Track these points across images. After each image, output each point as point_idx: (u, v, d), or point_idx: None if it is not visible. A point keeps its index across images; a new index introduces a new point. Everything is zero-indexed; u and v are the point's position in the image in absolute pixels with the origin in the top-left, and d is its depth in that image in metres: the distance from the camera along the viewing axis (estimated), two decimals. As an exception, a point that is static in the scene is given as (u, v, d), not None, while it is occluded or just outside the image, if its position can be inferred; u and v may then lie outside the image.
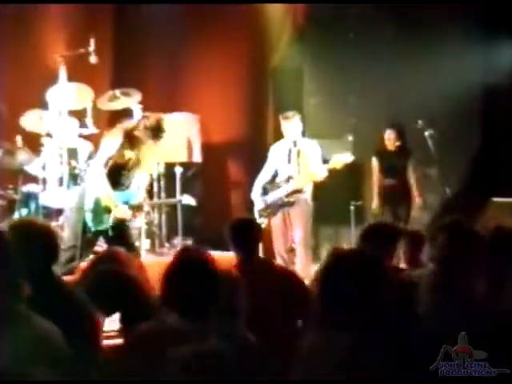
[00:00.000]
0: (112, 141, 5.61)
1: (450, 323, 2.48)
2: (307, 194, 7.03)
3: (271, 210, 7.03)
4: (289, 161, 7.02)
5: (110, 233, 5.56)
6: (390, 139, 7.66)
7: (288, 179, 6.96)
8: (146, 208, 6.26)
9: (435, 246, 3.03)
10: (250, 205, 7.48)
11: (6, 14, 7.61)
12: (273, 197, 7.01)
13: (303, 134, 7.17)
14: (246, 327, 2.99)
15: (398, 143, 7.65)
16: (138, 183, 5.86)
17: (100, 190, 5.51)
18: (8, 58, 7.63)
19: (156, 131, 5.57)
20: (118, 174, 5.61)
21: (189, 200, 6.66)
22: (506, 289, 2.92)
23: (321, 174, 6.82)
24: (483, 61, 8.40)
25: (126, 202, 5.66)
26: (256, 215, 7.00)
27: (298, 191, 6.94)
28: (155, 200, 7.40)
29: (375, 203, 7.76)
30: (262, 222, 6.95)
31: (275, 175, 7.15)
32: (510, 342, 2.29)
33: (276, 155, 7.17)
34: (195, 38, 8.52)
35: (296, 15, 8.74)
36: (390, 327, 2.26)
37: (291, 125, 7.00)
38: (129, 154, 5.61)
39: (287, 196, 6.94)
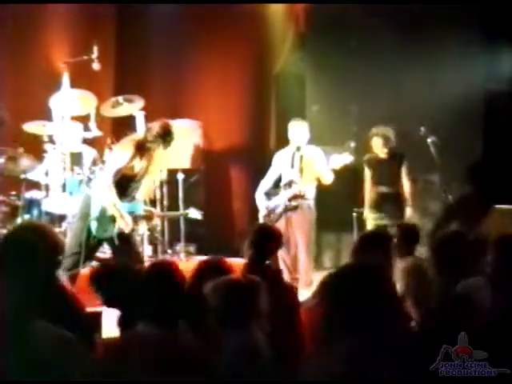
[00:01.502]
0: (123, 152, 5.58)
1: None
2: (310, 200, 7.03)
3: (274, 215, 7.04)
4: (292, 165, 7.04)
5: (116, 242, 5.56)
6: (377, 147, 7.43)
7: (290, 183, 6.99)
8: (156, 219, 6.25)
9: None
10: (252, 211, 7.50)
11: (10, 21, 7.65)
12: (276, 202, 7.02)
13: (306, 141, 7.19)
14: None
15: (385, 150, 7.42)
16: (143, 193, 5.85)
17: (107, 200, 5.50)
18: (11, 64, 7.66)
19: (166, 138, 5.55)
20: (126, 186, 5.60)
21: (195, 214, 6.61)
22: None
23: (327, 175, 6.85)
24: (485, 68, 8.41)
25: (132, 213, 5.65)
26: (260, 221, 7.01)
27: (301, 196, 6.95)
28: (165, 212, 7.47)
29: (366, 211, 7.66)
30: None
31: (279, 180, 7.17)
32: None
33: (280, 161, 7.20)
34: (198, 44, 8.55)
35: (298, 22, 8.78)
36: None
37: (299, 128, 7.05)
38: (139, 166, 5.60)
39: (290, 200, 6.95)
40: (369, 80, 8.40)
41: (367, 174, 7.54)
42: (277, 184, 7.19)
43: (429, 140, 7.48)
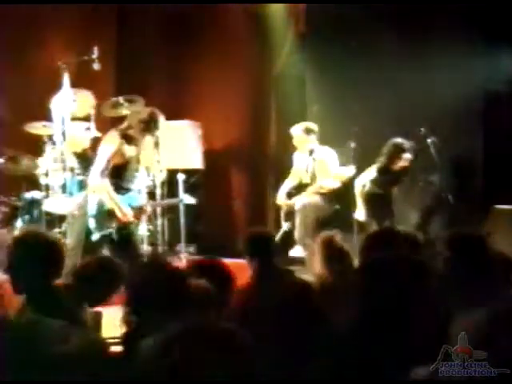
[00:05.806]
0: (110, 143, 5.56)
1: None
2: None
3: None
4: (307, 170, 7.28)
5: (115, 237, 5.48)
6: (405, 164, 7.62)
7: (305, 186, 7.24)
8: (149, 208, 6.18)
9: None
10: (252, 211, 7.51)
11: (10, 21, 7.66)
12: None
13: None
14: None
15: (405, 164, 7.64)
16: (140, 186, 5.83)
17: (102, 193, 5.44)
18: (11, 65, 7.67)
19: (149, 124, 5.55)
20: (119, 177, 5.55)
21: (189, 200, 6.75)
22: None
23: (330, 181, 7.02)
24: (485, 68, 8.41)
25: (129, 205, 5.60)
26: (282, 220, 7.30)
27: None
28: (158, 201, 7.44)
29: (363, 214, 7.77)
30: (287, 225, 7.26)
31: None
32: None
33: (296, 163, 7.49)
34: (198, 45, 8.55)
35: (298, 23, 8.77)
36: None
37: (293, 134, 7.43)
38: (128, 153, 5.55)
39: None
40: (369, 80, 8.40)
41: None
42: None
43: (429, 140, 7.51)
